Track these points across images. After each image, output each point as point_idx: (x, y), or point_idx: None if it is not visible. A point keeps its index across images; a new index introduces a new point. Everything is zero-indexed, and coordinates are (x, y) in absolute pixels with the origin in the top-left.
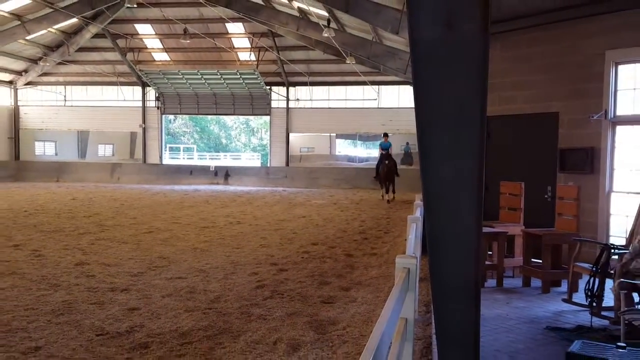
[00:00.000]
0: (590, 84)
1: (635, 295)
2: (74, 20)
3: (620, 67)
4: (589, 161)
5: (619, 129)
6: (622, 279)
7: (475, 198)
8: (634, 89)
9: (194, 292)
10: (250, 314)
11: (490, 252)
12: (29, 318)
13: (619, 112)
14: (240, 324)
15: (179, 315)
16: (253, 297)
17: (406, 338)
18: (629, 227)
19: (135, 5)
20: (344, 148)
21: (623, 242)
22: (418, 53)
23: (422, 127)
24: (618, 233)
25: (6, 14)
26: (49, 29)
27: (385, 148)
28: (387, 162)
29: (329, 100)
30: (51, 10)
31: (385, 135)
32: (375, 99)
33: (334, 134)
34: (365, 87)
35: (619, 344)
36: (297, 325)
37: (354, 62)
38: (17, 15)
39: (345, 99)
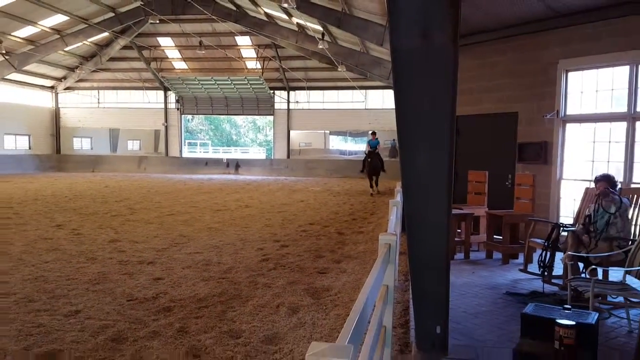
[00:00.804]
0: (545, 88)
1: (580, 265)
2: (106, 34)
3: (570, 74)
4: (543, 153)
5: (569, 126)
6: (569, 252)
7: (445, 184)
8: (582, 92)
9: (209, 265)
10: (257, 283)
11: (459, 230)
12: (70, 286)
13: (569, 112)
14: (249, 291)
15: (196, 284)
16: (259, 269)
17: (387, 301)
18: (576, 209)
19: (157, 21)
20: (337, 143)
21: (571, 221)
22: (398, 60)
23: (400, 124)
24: (567, 214)
25: (47, 29)
26: (84, 42)
27: (373, 146)
28: (370, 158)
29: (323, 102)
30: (86, 25)
31: (373, 133)
32: (363, 101)
33: (328, 131)
34: (354, 91)
35: (565, 306)
36: (296, 292)
37: (344, 70)
38: (57, 30)
39: (338, 102)
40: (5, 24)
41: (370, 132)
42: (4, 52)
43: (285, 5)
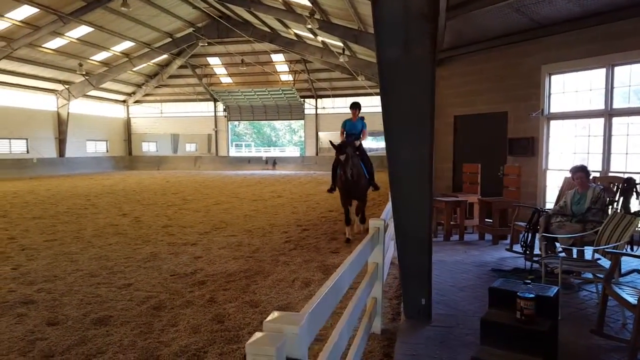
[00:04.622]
0: (531, 90)
1: (557, 244)
2: (165, 56)
3: (553, 77)
4: (530, 147)
5: (552, 123)
6: (543, 234)
7: (426, 174)
8: (563, 92)
9: (241, 246)
10: (278, 261)
11: (455, 215)
12: (126, 264)
13: (552, 110)
14: (270, 268)
15: (228, 262)
16: (282, 249)
17: (377, 277)
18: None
19: (206, 44)
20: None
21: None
22: (383, 69)
23: (387, 123)
24: (552, 200)
25: (118, 53)
26: (148, 63)
27: (352, 132)
28: (344, 160)
29: (345, 107)
30: (149, 49)
31: (355, 106)
32: (379, 105)
33: None
34: (372, 97)
35: (525, 280)
36: (310, 268)
37: (363, 79)
38: (126, 54)
39: None
40: (85, 50)
41: (350, 104)
42: (84, 73)
43: (310, 26)
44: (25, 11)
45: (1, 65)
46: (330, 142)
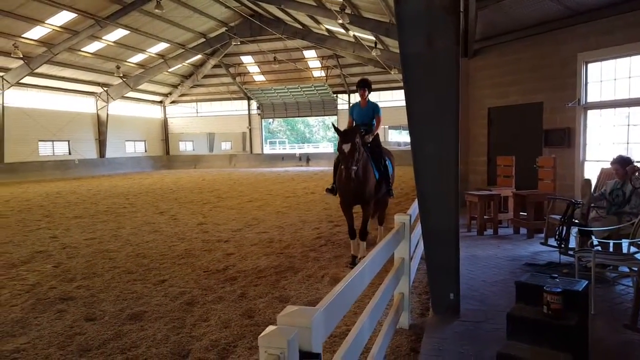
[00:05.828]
0: (567, 79)
1: (593, 237)
2: (199, 56)
3: (590, 65)
4: (567, 138)
5: (590, 112)
6: (578, 227)
7: (452, 167)
8: (600, 81)
9: (272, 242)
10: (308, 257)
11: (489, 209)
12: (161, 261)
13: (589, 100)
14: (300, 264)
15: (259, 258)
16: (312, 245)
17: (404, 272)
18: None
19: (239, 43)
20: (394, 136)
21: None
22: (406, 63)
23: (411, 117)
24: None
25: (154, 55)
26: (183, 64)
27: (361, 122)
28: (346, 155)
29: (379, 101)
30: (183, 50)
31: (363, 85)
32: None
33: (387, 126)
34: None
35: (552, 275)
36: (339, 264)
37: (396, 73)
38: (161, 55)
39: (392, 100)
40: (122, 53)
41: (358, 81)
42: (122, 75)
43: (341, 21)
44: (64, 17)
45: (43, 70)
46: (333, 125)
